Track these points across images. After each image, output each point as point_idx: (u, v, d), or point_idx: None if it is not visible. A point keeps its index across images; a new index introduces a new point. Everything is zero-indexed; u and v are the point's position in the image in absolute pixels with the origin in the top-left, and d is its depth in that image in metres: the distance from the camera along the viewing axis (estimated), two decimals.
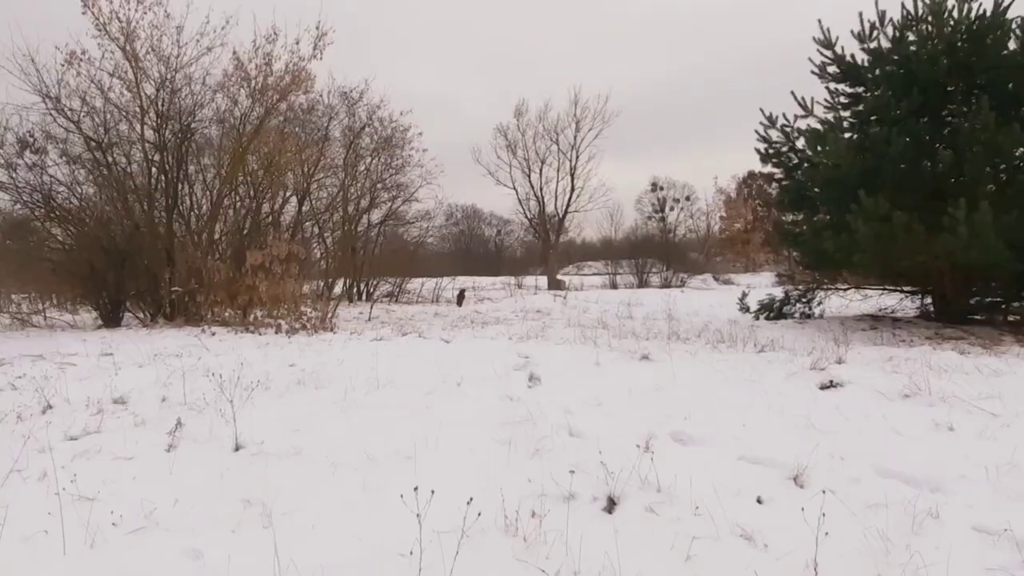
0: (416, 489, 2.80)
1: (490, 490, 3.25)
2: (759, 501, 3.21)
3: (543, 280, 34.81)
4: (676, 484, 3.32)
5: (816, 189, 10.45)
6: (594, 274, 40.54)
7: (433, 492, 2.86)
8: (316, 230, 22.92)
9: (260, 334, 10.09)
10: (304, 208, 21.28)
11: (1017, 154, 8.54)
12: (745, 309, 12.32)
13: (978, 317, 10.06)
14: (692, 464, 3.58)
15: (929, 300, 10.95)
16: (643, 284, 30.53)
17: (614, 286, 30.06)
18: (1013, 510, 3.01)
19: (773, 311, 11.87)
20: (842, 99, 10.39)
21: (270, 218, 17.93)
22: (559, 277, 35.79)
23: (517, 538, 2.87)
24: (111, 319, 12.23)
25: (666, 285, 29.14)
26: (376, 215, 25.56)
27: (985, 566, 2.61)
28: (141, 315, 12.74)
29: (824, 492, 3.00)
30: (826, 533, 2.60)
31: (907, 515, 2.97)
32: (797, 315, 11.77)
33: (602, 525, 3.00)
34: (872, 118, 9.40)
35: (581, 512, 3.14)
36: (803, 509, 2.82)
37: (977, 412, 4.46)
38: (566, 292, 23.92)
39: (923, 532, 2.86)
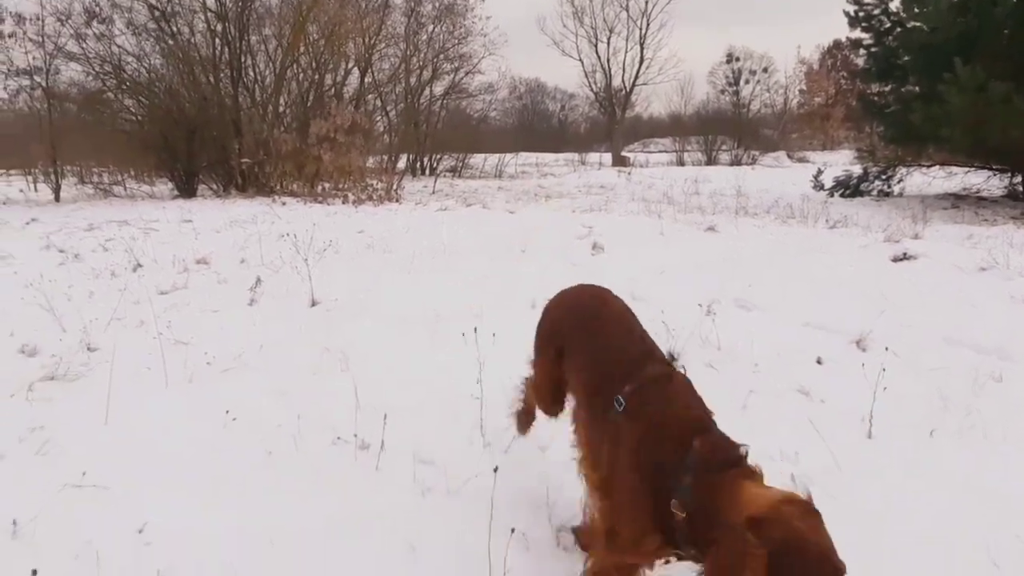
0: (476, 330, 2.94)
1: None
2: (819, 362, 3.24)
3: (607, 157, 33.93)
4: (737, 345, 3.37)
5: (907, 57, 9.70)
6: (660, 151, 39.08)
7: (494, 335, 2.99)
8: (379, 103, 22.75)
9: (328, 204, 10.34)
10: (366, 80, 21.05)
11: None
12: (819, 187, 11.82)
13: None
14: (754, 328, 3.61)
15: (1018, 179, 10.30)
16: (712, 162, 29.44)
17: (681, 164, 29.13)
18: None
19: (849, 188, 11.38)
20: None
21: (333, 90, 17.84)
22: (624, 154, 34.83)
23: None
24: (186, 190, 12.72)
25: (736, 163, 27.99)
26: (439, 87, 25.17)
27: None
28: (214, 186, 13.18)
29: (887, 350, 3.00)
30: (884, 388, 2.61)
31: (970, 379, 2.95)
32: (875, 192, 11.27)
33: None
34: None
35: None
36: (863, 365, 2.84)
37: None
38: (631, 168, 23.36)
39: (984, 394, 2.85)
